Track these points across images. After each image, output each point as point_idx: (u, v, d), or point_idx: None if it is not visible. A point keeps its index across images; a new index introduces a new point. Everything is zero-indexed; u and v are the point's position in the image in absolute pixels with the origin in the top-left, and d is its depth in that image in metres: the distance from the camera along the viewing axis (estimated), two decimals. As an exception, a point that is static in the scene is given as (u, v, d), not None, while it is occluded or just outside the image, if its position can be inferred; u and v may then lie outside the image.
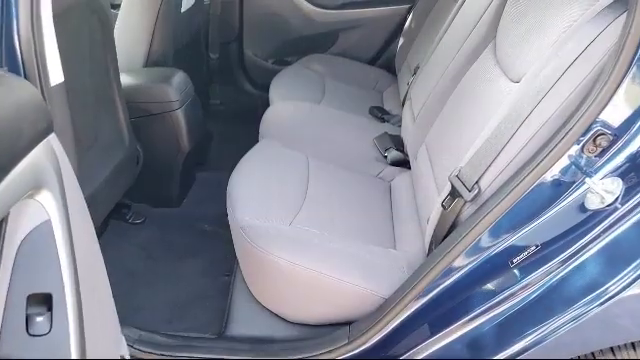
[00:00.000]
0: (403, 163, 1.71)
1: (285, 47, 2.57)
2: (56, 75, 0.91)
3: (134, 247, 1.82)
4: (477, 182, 1.05)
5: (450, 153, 1.29)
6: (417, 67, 1.98)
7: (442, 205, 1.12)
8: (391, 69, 2.50)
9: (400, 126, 1.98)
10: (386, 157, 1.73)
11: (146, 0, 1.80)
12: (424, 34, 2.12)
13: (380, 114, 2.08)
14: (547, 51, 1.05)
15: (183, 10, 2.02)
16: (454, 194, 1.10)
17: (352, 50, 2.53)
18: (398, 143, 1.78)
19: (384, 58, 2.56)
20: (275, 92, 2.13)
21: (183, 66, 2.06)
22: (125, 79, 1.73)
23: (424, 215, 1.33)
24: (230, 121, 2.65)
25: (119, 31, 1.82)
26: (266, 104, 2.16)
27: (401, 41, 2.41)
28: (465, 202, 1.07)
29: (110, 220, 1.89)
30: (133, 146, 1.71)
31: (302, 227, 1.33)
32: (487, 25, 1.43)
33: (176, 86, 1.76)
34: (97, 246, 0.84)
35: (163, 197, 1.95)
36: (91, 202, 1.51)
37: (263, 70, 2.60)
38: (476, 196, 1.05)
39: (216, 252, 1.81)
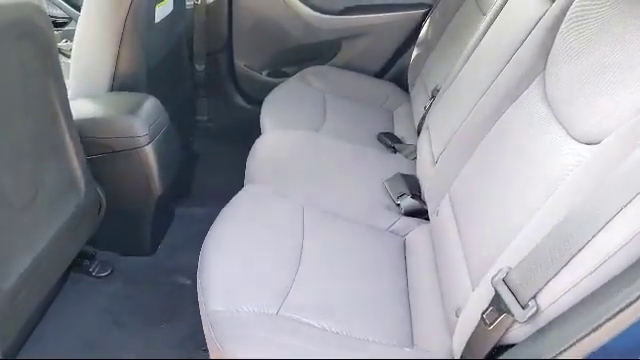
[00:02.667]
0: (420, 212, 1.41)
1: (281, 57, 2.25)
2: None
3: (97, 310, 1.53)
4: (535, 297, 0.74)
5: (487, 229, 0.98)
6: (435, 89, 1.66)
7: (482, 317, 0.81)
8: (402, 83, 2.17)
9: (415, 159, 1.67)
10: (399, 205, 1.42)
11: (108, 12, 1.48)
12: (444, 47, 1.79)
13: (391, 142, 1.76)
14: (637, 112, 0.74)
15: (158, 20, 1.70)
16: (499, 306, 0.79)
17: (357, 61, 2.20)
18: (413, 186, 1.47)
19: (394, 70, 2.22)
20: (267, 116, 1.81)
21: (160, 84, 1.77)
22: (82, 109, 1.43)
23: (451, 303, 1.02)
24: (219, 139, 2.35)
25: (77, 50, 1.52)
26: (259, 120, 1.87)
27: (415, 52, 2.08)
28: (515, 320, 0.77)
29: (70, 273, 1.60)
30: (91, 191, 1.41)
31: (293, 315, 1.03)
32: (533, 52, 1.11)
33: (144, 117, 1.45)
34: None
35: (133, 244, 1.65)
36: (33, 272, 1.23)
37: (256, 83, 2.29)
38: (533, 316, 0.74)
39: (195, 315, 1.52)
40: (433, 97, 1.65)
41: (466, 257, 1.03)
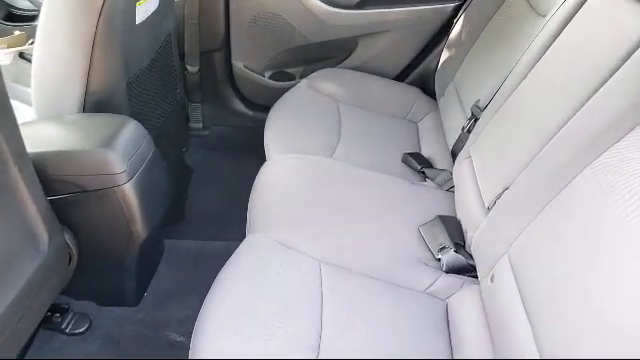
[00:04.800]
0: (465, 269, 1.14)
1: (286, 57, 1.94)
2: None
3: (69, 378, 1.27)
4: None
5: (578, 327, 0.71)
6: (476, 106, 1.37)
7: None
8: (427, 88, 1.88)
9: (449, 189, 1.39)
10: (439, 259, 1.15)
11: (75, 12, 1.18)
12: (483, 52, 1.50)
13: (420, 166, 1.49)
14: None
15: (140, 21, 1.40)
16: None
17: (375, 62, 1.90)
18: (455, 233, 1.20)
19: (418, 74, 1.92)
20: (272, 136, 1.53)
21: (145, 95, 1.49)
22: (45, 138, 1.16)
23: None
24: (216, 150, 2.09)
25: (38, 61, 1.23)
26: (262, 128, 1.60)
27: (445, 54, 1.79)
28: None
29: (39, 330, 1.34)
30: (57, 242, 1.14)
31: None
32: (635, 84, 0.82)
33: (122, 149, 1.16)
34: None
35: (114, 294, 1.39)
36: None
37: (257, 86, 1.99)
38: None
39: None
40: (474, 116, 1.37)
41: (539, 348, 0.77)
